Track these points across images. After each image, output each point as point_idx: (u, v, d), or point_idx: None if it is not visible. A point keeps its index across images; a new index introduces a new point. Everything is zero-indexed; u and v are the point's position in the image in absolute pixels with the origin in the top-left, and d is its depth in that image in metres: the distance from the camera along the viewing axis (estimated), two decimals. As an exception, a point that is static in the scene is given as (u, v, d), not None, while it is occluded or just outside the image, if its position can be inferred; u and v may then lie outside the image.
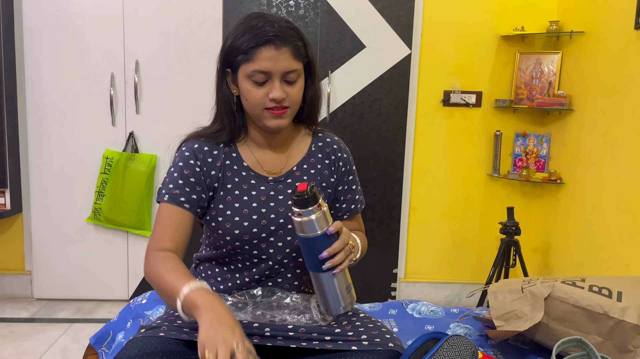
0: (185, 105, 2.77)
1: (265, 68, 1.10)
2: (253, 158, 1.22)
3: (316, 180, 1.24)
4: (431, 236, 3.08)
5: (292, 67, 1.12)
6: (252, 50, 1.10)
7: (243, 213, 1.16)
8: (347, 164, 1.28)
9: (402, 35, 2.83)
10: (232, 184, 1.19)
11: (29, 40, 2.70)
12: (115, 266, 2.90)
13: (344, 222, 1.29)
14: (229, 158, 1.21)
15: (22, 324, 2.64)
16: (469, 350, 1.04)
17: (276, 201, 1.19)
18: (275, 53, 1.10)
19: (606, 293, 1.17)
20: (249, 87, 1.13)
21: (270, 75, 1.11)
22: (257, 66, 1.10)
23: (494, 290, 1.28)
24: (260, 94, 1.12)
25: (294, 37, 1.13)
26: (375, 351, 1.01)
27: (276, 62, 1.10)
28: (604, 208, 2.48)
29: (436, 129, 2.99)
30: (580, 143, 2.69)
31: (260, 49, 1.09)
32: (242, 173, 1.20)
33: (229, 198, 1.18)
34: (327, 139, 1.28)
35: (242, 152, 1.22)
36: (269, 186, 1.20)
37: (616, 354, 1.12)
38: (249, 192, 1.19)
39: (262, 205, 1.18)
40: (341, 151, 1.28)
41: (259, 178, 1.20)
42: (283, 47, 1.10)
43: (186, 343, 1.00)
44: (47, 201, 2.82)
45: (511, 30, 2.87)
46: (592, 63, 2.63)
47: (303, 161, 1.25)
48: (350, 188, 1.28)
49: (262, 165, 1.22)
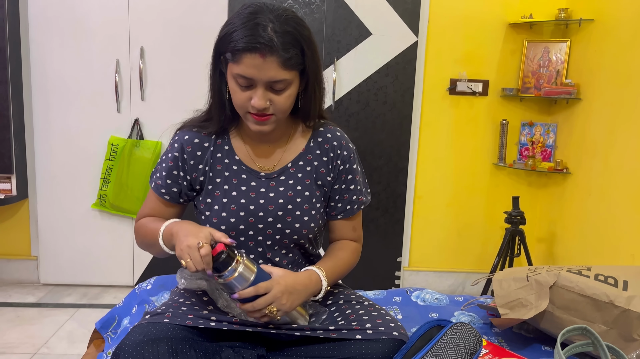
0: (190, 92, 2.76)
1: (248, 74, 1.04)
2: (245, 152, 1.19)
3: (311, 177, 1.19)
4: (436, 225, 3.08)
5: (279, 77, 1.04)
6: (238, 52, 1.03)
7: (231, 209, 1.14)
8: (347, 162, 1.21)
9: (409, 23, 2.80)
10: (222, 178, 1.16)
11: (34, 26, 2.70)
12: (120, 253, 2.91)
13: (338, 223, 1.24)
14: (220, 151, 1.18)
15: (29, 309, 2.66)
16: (473, 337, 1.04)
17: (266, 199, 1.16)
18: (261, 61, 1.02)
19: (612, 282, 1.16)
20: (234, 87, 1.08)
21: (254, 81, 1.05)
22: (241, 71, 1.04)
23: (499, 278, 1.28)
24: (244, 97, 1.07)
25: (288, 44, 1.03)
26: (379, 339, 1.01)
27: (261, 70, 1.03)
28: (611, 198, 2.46)
29: (442, 118, 2.98)
30: (587, 132, 2.67)
31: (247, 54, 1.02)
32: (233, 167, 1.17)
33: (217, 192, 1.16)
34: (328, 134, 1.21)
35: (235, 144, 1.19)
36: (260, 183, 1.17)
37: (621, 343, 1.12)
38: (239, 187, 1.16)
39: (250, 202, 1.15)
40: (341, 148, 1.21)
41: (250, 173, 1.17)
42: (270, 57, 1.02)
43: (191, 329, 1.00)
44: (53, 187, 2.83)
45: (519, 18, 2.84)
46: (601, 51, 2.60)
47: (299, 157, 1.20)
48: (347, 187, 1.22)
49: (255, 159, 1.18)
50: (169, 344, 0.94)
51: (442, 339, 1.02)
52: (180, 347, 0.95)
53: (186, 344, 0.96)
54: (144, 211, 1.23)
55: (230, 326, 1.02)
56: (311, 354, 1.03)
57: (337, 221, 1.24)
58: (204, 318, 1.03)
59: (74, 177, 2.82)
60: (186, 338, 0.98)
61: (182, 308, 1.06)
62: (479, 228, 3.08)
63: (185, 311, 1.04)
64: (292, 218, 1.16)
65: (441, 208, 3.07)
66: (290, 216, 1.16)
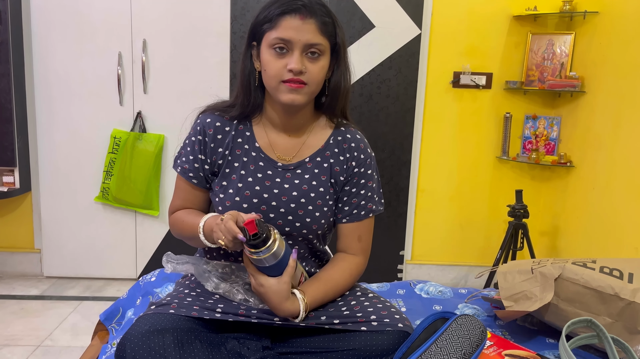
0: (193, 85, 2.76)
1: (287, 36, 1.07)
2: (266, 140, 1.19)
3: (327, 174, 1.19)
4: (439, 219, 3.07)
5: (316, 41, 1.08)
6: (277, 17, 1.08)
7: (245, 195, 1.15)
8: (362, 166, 1.21)
9: (412, 15, 2.79)
10: (240, 163, 1.17)
11: (36, 19, 2.69)
12: (123, 246, 2.92)
13: (344, 226, 1.21)
14: (241, 136, 1.19)
15: (32, 302, 2.67)
16: (477, 329, 1.04)
17: (280, 189, 1.16)
18: (300, 23, 1.07)
19: (617, 274, 1.16)
20: (269, 57, 1.10)
21: (292, 45, 1.08)
22: (280, 34, 1.08)
23: (503, 271, 1.28)
24: (279, 65, 1.09)
25: (323, 13, 1.10)
26: (384, 331, 1.01)
27: (299, 31, 1.07)
28: (615, 192, 2.45)
29: (445, 111, 2.96)
30: (591, 125, 2.66)
31: (285, 16, 1.07)
32: (252, 153, 1.18)
33: (233, 176, 1.17)
34: (348, 135, 1.22)
35: (257, 131, 1.20)
36: (276, 172, 1.17)
37: (626, 335, 1.12)
38: (255, 174, 1.16)
39: (265, 190, 1.16)
40: (359, 151, 1.21)
41: (268, 162, 1.18)
42: (309, 19, 1.08)
43: (196, 320, 1.01)
44: (56, 180, 2.83)
45: (523, 10, 2.82)
46: (605, 44, 2.58)
47: (318, 153, 1.20)
48: (358, 192, 1.20)
49: (274, 148, 1.19)
50: (175, 334, 0.94)
51: (446, 331, 1.02)
52: (186, 338, 0.95)
53: (191, 335, 0.97)
54: (175, 203, 1.23)
55: (235, 317, 1.02)
56: (316, 345, 1.03)
57: (343, 226, 1.22)
58: (210, 309, 1.03)
59: (76, 169, 2.83)
60: (191, 328, 0.98)
61: (188, 299, 1.06)
62: (482, 221, 3.08)
63: (191, 302, 1.05)
64: (304, 212, 1.16)
65: (444, 201, 3.06)
66: (302, 210, 1.16)
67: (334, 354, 1.00)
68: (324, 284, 1.13)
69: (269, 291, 1.04)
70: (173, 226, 1.23)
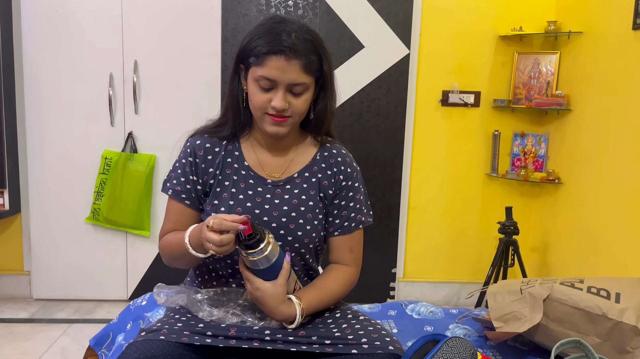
0: (184, 105, 2.77)
1: (272, 76, 1.11)
2: (255, 158, 1.23)
3: (315, 189, 1.22)
4: (430, 236, 3.09)
5: (299, 80, 1.12)
6: (263, 55, 1.10)
7: (236, 211, 1.17)
8: (349, 179, 1.25)
9: (401, 35, 2.83)
10: (230, 181, 1.20)
11: (27, 39, 2.70)
12: (114, 267, 2.90)
13: (336, 239, 1.24)
14: (230, 156, 1.22)
15: (21, 325, 2.64)
16: (468, 351, 1.05)
17: (271, 205, 1.19)
18: (285, 64, 1.10)
19: (604, 294, 1.17)
20: (254, 89, 1.14)
21: (276, 83, 1.12)
22: (265, 72, 1.11)
23: (493, 291, 1.29)
24: (264, 99, 1.13)
25: (309, 51, 1.12)
26: (375, 354, 1.02)
27: (284, 72, 1.10)
28: (603, 208, 2.48)
29: (435, 129, 3.00)
30: (578, 142, 2.70)
31: (271, 56, 1.10)
32: (241, 171, 1.21)
33: (224, 194, 1.20)
34: (334, 151, 1.27)
35: (245, 150, 1.23)
36: (266, 189, 1.21)
37: (615, 355, 1.13)
38: (245, 192, 1.19)
39: (256, 206, 1.18)
40: (345, 165, 1.26)
41: (257, 179, 1.21)
42: (293, 60, 1.10)
43: (186, 346, 1.00)
44: (46, 201, 2.81)
45: (509, 31, 2.87)
46: (590, 63, 2.63)
47: (305, 169, 1.24)
48: (347, 204, 1.24)
49: (263, 166, 1.22)
50: (165, 362, 0.94)
51: (437, 353, 1.03)
52: (176, 365, 0.95)
53: (182, 361, 0.96)
54: (166, 226, 1.23)
55: (226, 342, 1.02)
56: (307, 369, 1.03)
57: (335, 239, 1.25)
58: (200, 333, 1.03)
59: (67, 190, 2.81)
60: (182, 355, 0.98)
61: (178, 324, 1.06)
62: (473, 238, 3.10)
63: (181, 328, 1.04)
64: (295, 225, 1.18)
65: (435, 218, 3.08)
66: (293, 224, 1.18)
67: (325, 378, 1.00)
68: (318, 291, 1.17)
69: (265, 294, 1.06)
70: (162, 250, 1.23)
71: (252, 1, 2.75)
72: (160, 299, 1.14)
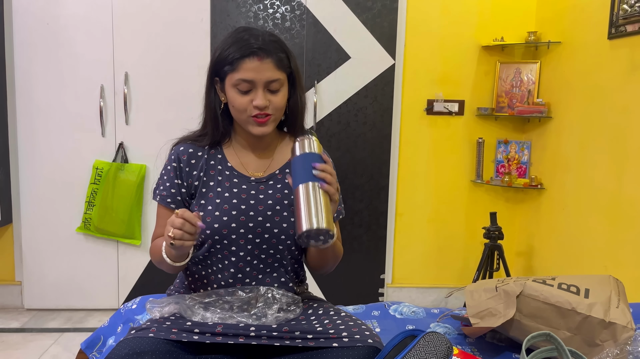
0: (174, 116, 2.82)
1: (249, 77, 1.19)
2: (237, 160, 1.30)
3: None
4: (417, 242, 3.14)
5: (275, 77, 1.20)
6: (237, 61, 1.19)
7: (223, 208, 1.24)
8: None
9: (386, 46, 2.91)
10: (215, 182, 1.27)
11: (19, 53, 2.75)
12: (105, 276, 2.93)
13: None
14: (213, 159, 1.30)
15: (13, 334, 2.65)
16: (444, 345, 1.09)
17: (256, 200, 1.26)
18: (259, 64, 1.18)
19: (574, 290, 1.23)
20: (234, 94, 1.21)
21: (254, 84, 1.19)
22: (242, 75, 1.19)
23: (470, 290, 1.34)
24: (245, 101, 1.21)
25: (277, 49, 1.21)
26: (355, 347, 1.06)
27: (259, 72, 1.19)
28: (583, 212, 2.55)
29: (420, 137, 3.07)
30: (559, 149, 2.78)
31: (245, 59, 1.18)
32: (225, 172, 1.28)
33: (210, 194, 1.26)
34: None
35: (227, 153, 1.31)
36: (250, 186, 1.28)
37: (585, 348, 1.18)
38: (231, 190, 1.26)
39: (242, 202, 1.25)
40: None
41: (241, 178, 1.28)
42: (266, 59, 1.19)
43: (175, 343, 1.04)
44: (38, 211, 2.84)
45: (491, 41, 2.96)
46: (568, 72, 2.72)
47: (285, 166, 1.32)
48: None
49: (246, 167, 1.30)
50: (153, 357, 0.98)
51: (415, 347, 1.07)
52: (164, 360, 0.99)
53: (170, 357, 1.00)
54: (155, 232, 1.31)
55: (212, 338, 1.06)
56: (290, 363, 1.07)
57: None
58: (187, 331, 1.07)
59: (58, 200, 2.85)
60: (170, 351, 1.02)
61: (167, 323, 1.10)
62: (459, 244, 3.16)
63: (170, 326, 1.09)
64: (280, 218, 1.25)
65: (422, 225, 3.14)
66: (278, 216, 1.25)
67: (306, 371, 1.05)
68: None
69: None
70: (151, 254, 1.29)
71: (240, 14, 2.81)
72: (154, 314, 1.17)
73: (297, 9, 2.83)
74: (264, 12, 2.82)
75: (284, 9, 2.83)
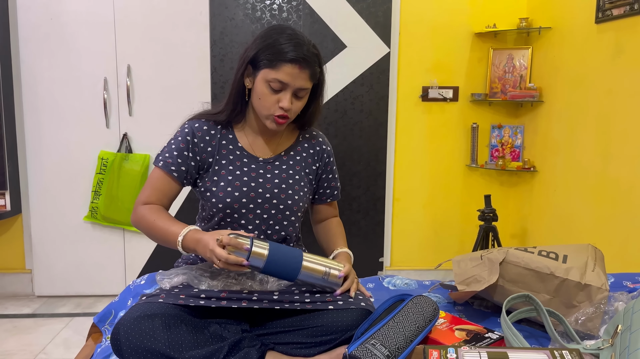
0: (176, 106, 2.90)
1: (285, 80, 1.28)
2: (247, 142, 1.41)
3: (300, 165, 1.43)
4: (414, 226, 3.23)
5: (306, 86, 1.31)
6: (279, 62, 1.27)
7: (235, 185, 1.35)
8: (331, 156, 1.51)
9: (381, 35, 2.98)
10: (227, 160, 1.38)
11: (24, 48, 2.83)
12: (112, 263, 3.02)
13: (325, 206, 1.52)
14: (225, 139, 1.40)
15: (25, 320, 2.75)
16: (430, 307, 1.19)
17: (264, 179, 1.38)
18: (298, 72, 1.27)
19: (553, 256, 1.32)
20: (264, 89, 1.30)
21: (287, 87, 1.29)
22: (279, 77, 1.27)
23: (457, 260, 1.43)
24: (273, 100, 1.30)
25: (315, 63, 1.31)
26: (349, 309, 1.16)
27: (295, 78, 1.28)
28: (572, 193, 2.64)
29: (416, 123, 3.15)
30: (550, 132, 2.86)
31: (287, 64, 1.26)
32: (236, 152, 1.39)
33: (222, 171, 1.37)
34: (314, 132, 1.50)
35: (238, 135, 1.42)
36: (258, 166, 1.39)
37: (563, 309, 1.27)
38: (241, 168, 1.37)
39: (251, 180, 1.37)
40: (325, 144, 1.50)
41: (251, 158, 1.40)
42: (305, 69, 1.28)
43: (183, 308, 1.14)
44: (46, 201, 2.94)
45: (484, 28, 3.03)
46: (558, 56, 2.79)
47: (290, 148, 1.45)
48: (333, 177, 1.51)
49: (254, 148, 1.41)
50: (163, 319, 1.08)
51: (404, 308, 1.17)
52: (173, 322, 1.08)
53: (178, 319, 1.10)
54: (144, 193, 1.36)
55: (217, 303, 1.15)
56: (289, 324, 1.17)
57: (324, 205, 1.53)
58: (194, 296, 1.17)
59: (65, 191, 2.94)
60: (178, 314, 1.11)
61: (175, 290, 1.20)
62: (455, 226, 3.24)
63: (178, 293, 1.18)
64: (285, 195, 1.38)
65: (419, 209, 3.22)
66: (283, 194, 1.38)
67: (305, 331, 1.14)
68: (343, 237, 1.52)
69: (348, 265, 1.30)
70: (138, 222, 1.34)
71: (238, 6, 2.89)
72: (164, 284, 1.26)
73: (294, 0, 2.90)
74: (261, 4, 2.89)
75: (280, 0, 2.90)
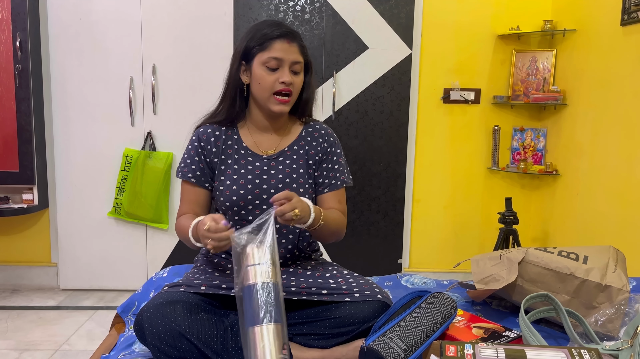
0: (199, 105, 2.89)
1: (279, 56, 1.35)
2: (251, 140, 1.45)
3: (304, 159, 1.45)
4: (434, 227, 3.22)
5: (299, 59, 1.38)
6: (268, 41, 1.35)
7: (240, 183, 1.38)
8: (333, 146, 1.49)
9: (403, 36, 2.99)
10: (232, 160, 1.41)
11: (54, 46, 2.91)
12: (134, 258, 3.08)
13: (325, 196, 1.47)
14: (230, 139, 1.45)
15: (50, 312, 2.82)
16: (449, 304, 1.19)
17: (269, 175, 1.40)
18: (287, 45, 1.36)
19: (574, 257, 1.31)
20: (262, 72, 1.36)
21: (282, 62, 1.35)
22: (272, 54, 1.35)
23: (476, 259, 1.43)
24: (272, 79, 1.36)
25: (300, 39, 1.41)
26: (365, 301, 1.17)
27: (287, 52, 1.35)
28: (597, 197, 2.60)
29: (437, 125, 3.14)
30: (574, 135, 2.82)
31: (276, 40, 1.35)
32: (240, 151, 1.43)
33: (229, 170, 1.41)
34: (317, 126, 1.51)
35: (242, 134, 1.46)
36: (263, 163, 1.42)
37: (583, 310, 1.26)
38: (246, 167, 1.41)
39: (256, 177, 1.40)
40: (327, 135, 1.50)
41: (255, 156, 1.43)
42: (293, 42, 1.37)
43: (203, 297, 1.16)
44: (72, 197, 3.01)
45: (507, 30, 3.01)
46: (583, 59, 2.76)
47: (294, 143, 1.46)
48: (333, 167, 1.48)
49: (259, 146, 1.44)
50: (184, 306, 1.11)
51: (422, 304, 1.18)
52: (194, 309, 1.11)
53: (198, 307, 1.13)
54: (180, 207, 1.44)
55: (236, 293, 1.18)
56: (307, 316, 1.18)
57: (325, 196, 1.48)
58: (215, 286, 1.19)
59: (91, 187, 3.01)
60: (198, 303, 1.14)
61: (196, 281, 1.23)
62: (475, 229, 3.22)
63: (199, 283, 1.21)
64: (290, 189, 1.40)
65: (439, 210, 3.21)
66: (288, 189, 1.40)
67: (322, 322, 1.16)
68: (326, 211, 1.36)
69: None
70: (177, 231, 1.42)
71: (262, 7, 2.93)
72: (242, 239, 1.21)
73: (317, 1, 2.93)
74: (284, 5, 2.93)
75: (303, 1, 2.93)
